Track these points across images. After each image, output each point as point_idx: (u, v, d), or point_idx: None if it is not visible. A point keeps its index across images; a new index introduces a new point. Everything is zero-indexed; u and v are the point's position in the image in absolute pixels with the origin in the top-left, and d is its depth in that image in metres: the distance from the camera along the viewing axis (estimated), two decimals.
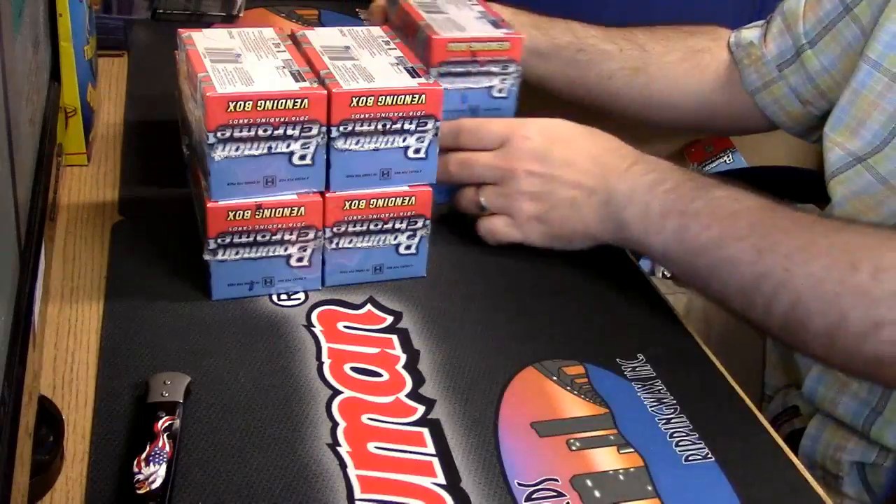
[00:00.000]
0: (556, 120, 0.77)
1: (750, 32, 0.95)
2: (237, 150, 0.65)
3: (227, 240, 0.68)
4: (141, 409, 0.58)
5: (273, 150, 0.66)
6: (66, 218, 0.78)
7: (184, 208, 0.80)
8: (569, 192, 0.74)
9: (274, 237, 0.69)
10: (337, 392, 0.63)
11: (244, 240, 0.68)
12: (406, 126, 0.69)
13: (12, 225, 0.48)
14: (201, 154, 0.68)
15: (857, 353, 0.63)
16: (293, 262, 0.70)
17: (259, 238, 0.68)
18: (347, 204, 0.70)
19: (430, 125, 0.70)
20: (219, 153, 0.65)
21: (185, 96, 0.72)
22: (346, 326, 0.69)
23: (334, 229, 0.70)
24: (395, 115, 0.68)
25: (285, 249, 0.69)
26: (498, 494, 0.57)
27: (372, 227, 0.71)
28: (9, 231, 0.47)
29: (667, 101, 0.98)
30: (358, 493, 0.55)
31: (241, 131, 0.65)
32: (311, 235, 0.69)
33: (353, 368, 0.65)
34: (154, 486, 0.53)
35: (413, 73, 0.70)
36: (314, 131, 0.66)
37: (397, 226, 0.72)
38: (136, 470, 0.53)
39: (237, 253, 0.69)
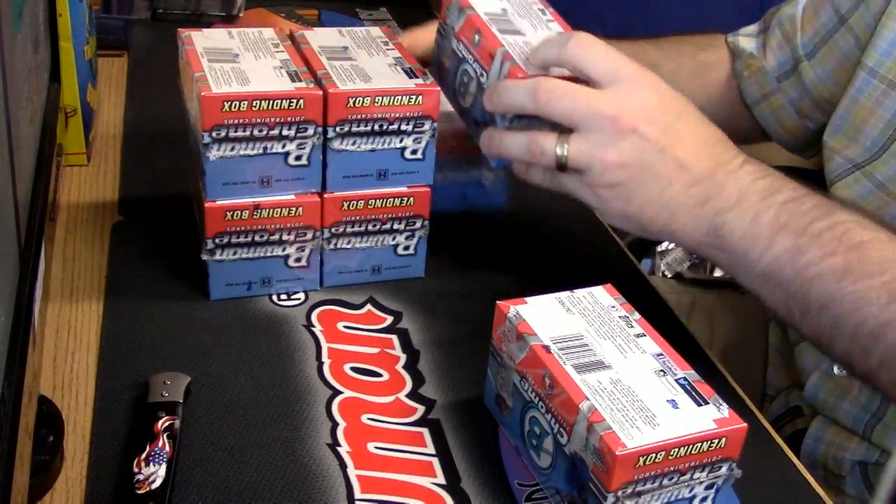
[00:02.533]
0: (661, 80, 0.65)
1: (747, 42, 0.93)
2: (232, 149, 0.65)
3: (225, 240, 0.68)
4: (141, 409, 0.58)
5: (269, 151, 0.66)
6: (66, 218, 0.78)
7: (184, 208, 0.80)
8: (669, 171, 0.63)
9: (272, 237, 0.69)
10: (337, 392, 0.63)
11: (242, 240, 0.68)
12: (403, 127, 0.68)
13: (12, 225, 0.48)
14: (197, 154, 0.68)
15: None
16: (291, 262, 0.70)
17: (257, 238, 0.68)
18: (346, 204, 0.69)
19: (426, 126, 0.69)
20: (214, 153, 0.64)
21: (185, 97, 0.72)
22: (346, 326, 0.69)
23: (332, 230, 0.70)
24: (392, 115, 0.68)
25: (283, 250, 0.70)
26: (498, 494, 0.57)
27: (370, 227, 0.71)
28: (9, 231, 0.47)
29: None
30: (358, 493, 0.55)
31: (236, 131, 0.64)
32: (310, 236, 0.69)
33: (353, 368, 0.65)
34: (154, 486, 0.53)
35: (411, 73, 0.70)
36: (310, 132, 0.66)
37: (395, 226, 0.72)
38: (136, 470, 0.53)
39: (235, 253, 0.69)
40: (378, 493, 0.56)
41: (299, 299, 0.71)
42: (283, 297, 0.71)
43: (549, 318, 0.59)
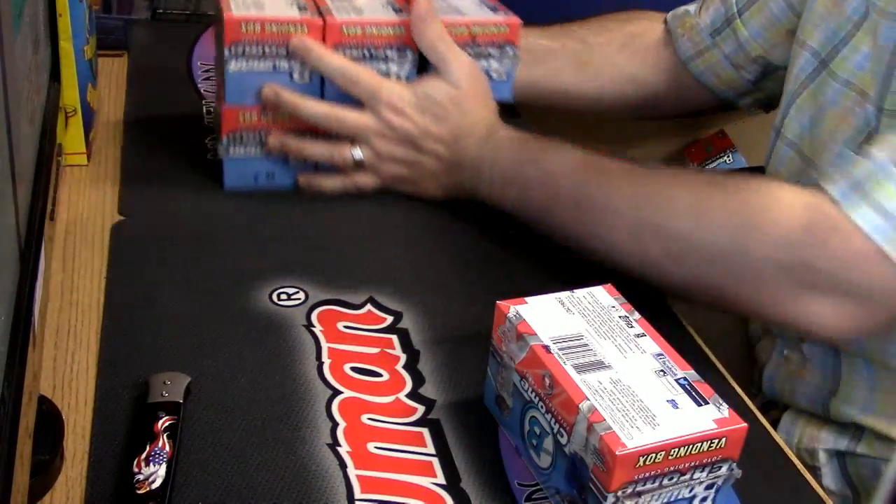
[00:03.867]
0: (430, 81, 0.80)
1: (689, 6, 0.97)
2: (247, 64, 0.78)
3: (238, 138, 0.82)
4: (141, 409, 0.58)
5: (277, 68, 0.79)
6: (66, 218, 0.78)
7: (184, 208, 0.80)
8: (431, 162, 0.81)
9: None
10: (337, 392, 0.63)
11: (251, 139, 0.82)
12: (388, 53, 0.81)
13: (12, 225, 0.48)
14: (220, 69, 0.81)
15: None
16: (291, 160, 0.84)
17: (262, 138, 0.82)
18: None
19: (408, 54, 0.81)
20: (233, 66, 0.78)
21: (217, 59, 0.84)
22: (346, 326, 0.69)
23: None
24: (379, 43, 0.80)
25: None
26: (498, 494, 0.57)
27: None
28: (9, 231, 0.47)
29: (616, 91, 0.99)
30: (358, 493, 0.55)
31: (251, 48, 0.78)
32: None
33: (353, 368, 0.65)
34: (154, 486, 0.53)
35: (396, 9, 0.81)
36: None
37: None
38: (136, 470, 0.53)
39: (245, 150, 0.82)
40: (378, 493, 0.56)
41: (299, 299, 0.71)
42: (283, 297, 0.71)
43: (549, 318, 0.59)
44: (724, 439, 0.52)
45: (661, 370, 0.56)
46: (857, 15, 0.74)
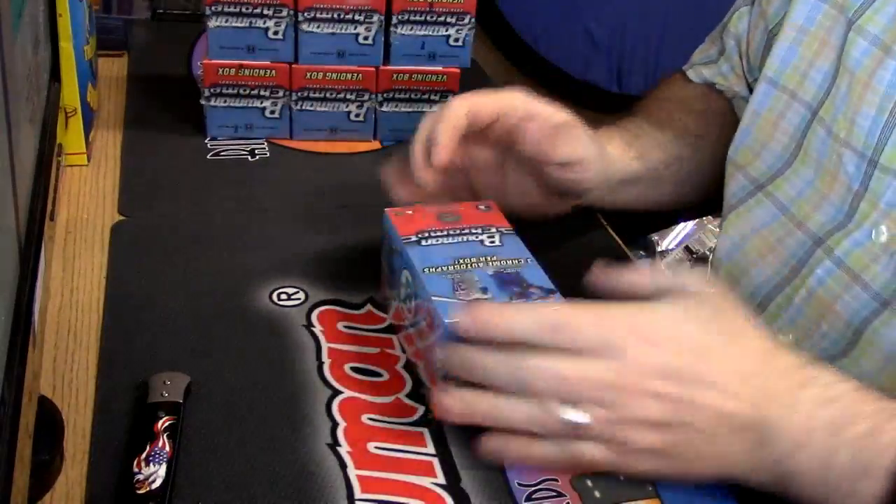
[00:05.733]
0: (682, 309, 0.55)
1: (709, 71, 0.89)
2: (226, 21, 0.87)
3: (217, 90, 0.90)
4: (141, 409, 0.58)
5: (253, 25, 0.88)
6: (66, 218, 0.78)
7: (184, 208, 0.80)
8: (708, 421, 0.53)
9: (252, 91, 0.91)
10: (337, 392, 0.63)
11: (230, 91, 0.90)
12: (356, 17, 0.88)
13: (12, 225, 0.48)
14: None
15: None
16: (267, 113, 0.92)
17: (241, 91, 0.90)
18: (308, 74, 0.90)
19: (375, 18, 0.88)
20: (213, 22, 0.87)
21: None
22: (346, 326, 0.69)
23: (299, 94, 0.91)
24: (348, 7, 0.87)
25: (261, 103, 0.91)
26: (498, 494, 0.57)
27: (328, 95, 0.92)
28: (9, 231, 0.47)
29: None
30: (358, 493, 0.55)
31: (229, 8, 0.87)
32: (281, 94, 0.91)
33: (352, 368, 0.65)
34: (154, 486, 0.53)
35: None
36: (284, 13, 0.87)
37: (348, 96, 0.92)
38: (136, 470, 0.53)
39: (225, 101, 0.91)
40: (378, 493, 0.56)
41: (299, 299, 0.71)
42: (283, 297, 0.71)
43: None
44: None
45: None
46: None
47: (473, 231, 0.66)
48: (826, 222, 0.70)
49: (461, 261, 0.62)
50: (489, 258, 0.63)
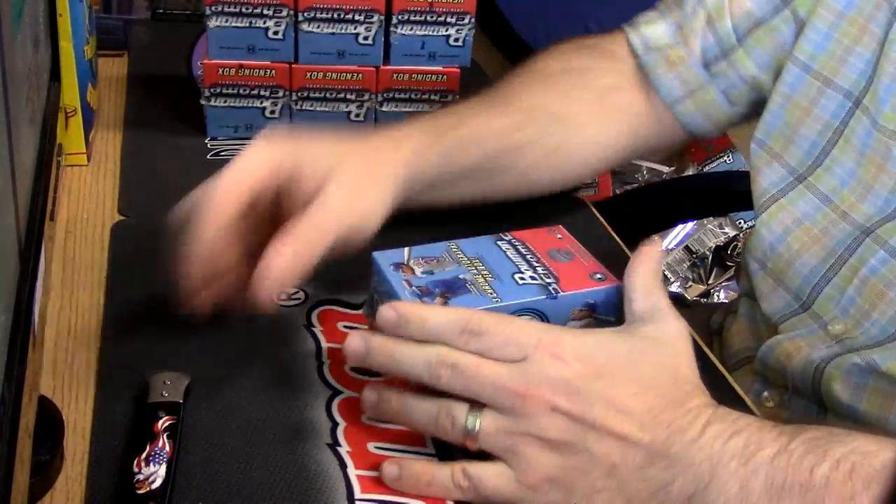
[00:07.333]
0: (598, 334, 0.55)
1: (656, 29, 0.83)
2: (226, 21, 0.87)
3: (218, 90, 0.90)
4: (141, 409, 0.58)
5: (253, 25, 0.87)
6: (66, 218, 0.78)
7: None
8: (608, 448, 0.51)
9: (252, 91, 0.90)
10: (337, 392, 0.63)
11: (230, 91, 0.90)
12: (356, 17, 0.88)
13: (12, 225, 0.48)
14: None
15: None
16: (267, 113, 0.92)
17: (241, 91, 0.90)
18: (309, 74, 0.90)
19: (375, 17, 0.88)
20: (213, 22, 0.87)
21: None
22: (346, 326, 0.69)
23: (299, 94, 0.91)
24: (348, 7, 0.87)
25: (261, 102, 0.91)
26: None
27: (328, 95, 0.92)
28: (9, 231, 0.47)
29: (589, 160, 0.83)
30: (358, 493, 0.55)
31: (229, 7, 0.86)
32: (281, 94, 0.91)
33: (352, 368, 0.65)
34: (154, 486, 0.53)
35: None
36: (284, 13, 0.87)
37: (349, 97, 0.92)
38: (136, 470, 0.53)
39: (225, 101, 0.91)
40: (378, 493, 0.56)
41: (299, 299, 0.71)
42: (283, 297, 0.71)
43: None
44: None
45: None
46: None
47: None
48: (874, 213, 0.69)
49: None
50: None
